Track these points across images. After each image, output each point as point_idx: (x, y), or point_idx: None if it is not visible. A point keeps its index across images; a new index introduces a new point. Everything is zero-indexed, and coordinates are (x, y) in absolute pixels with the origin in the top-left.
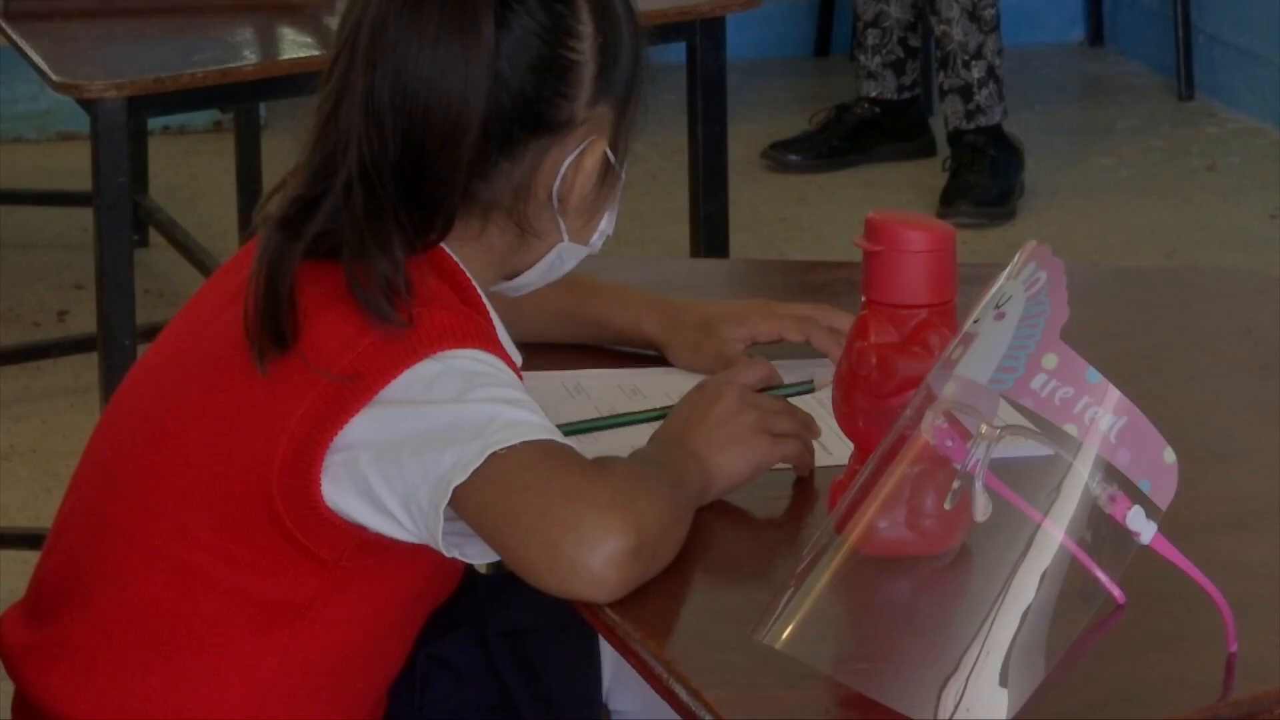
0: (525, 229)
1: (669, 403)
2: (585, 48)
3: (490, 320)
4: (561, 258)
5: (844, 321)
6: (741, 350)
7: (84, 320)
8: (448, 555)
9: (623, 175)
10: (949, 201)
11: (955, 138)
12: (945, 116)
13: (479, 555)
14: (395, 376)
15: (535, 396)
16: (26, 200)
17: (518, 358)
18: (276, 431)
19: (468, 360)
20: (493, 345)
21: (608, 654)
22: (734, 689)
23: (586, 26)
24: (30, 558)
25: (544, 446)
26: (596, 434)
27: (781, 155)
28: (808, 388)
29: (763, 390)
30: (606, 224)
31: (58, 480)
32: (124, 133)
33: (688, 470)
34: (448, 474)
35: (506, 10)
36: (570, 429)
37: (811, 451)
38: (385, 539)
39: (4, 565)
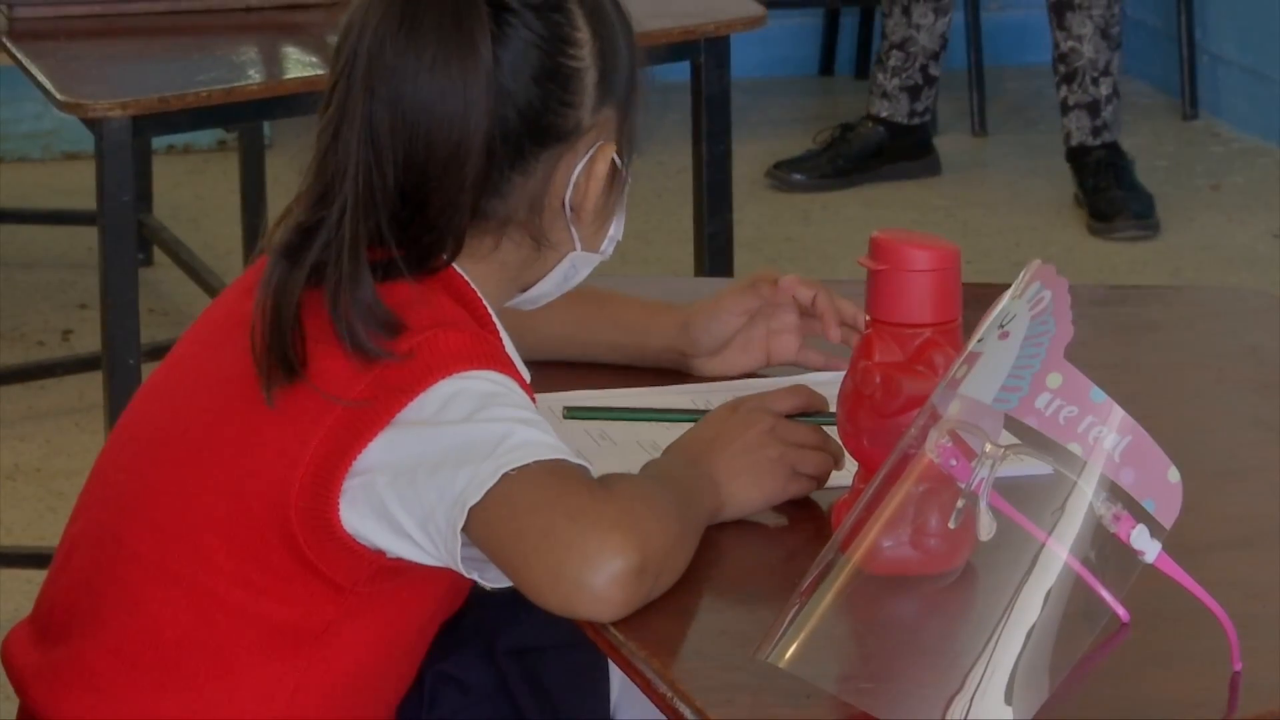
0: (541, 241)
1: (662, 429)
2: (585, 54)
3: (500, 340)
4: (575, 266)
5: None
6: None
7: (89, 339)
8: (467, 576)
9: (628, 177)
10: (1106, 217)
11: (1079, 153)
12: (1069, 132)
13: (497, 579)
14: (412, 399)
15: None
16: (31, 219)
17: (527, 376)
18: (294, 457)
19: (481, 381)
20: (505, 366)
21: (616, 673)
22: (738, 708)
23: (583, 33)
24: (35, 577)
25: (553, 466)
26: (610, 449)
27: (786, 175)
28: (829, 417)
29: (801, 416)
30: (616, 229)
31: (62, 499)
32: (128, 152)
33: (700, 490)
34: (462, 494)
35: (503, 25)
36: (583, 414)
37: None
38: (401, 564)
39: (9, 585)
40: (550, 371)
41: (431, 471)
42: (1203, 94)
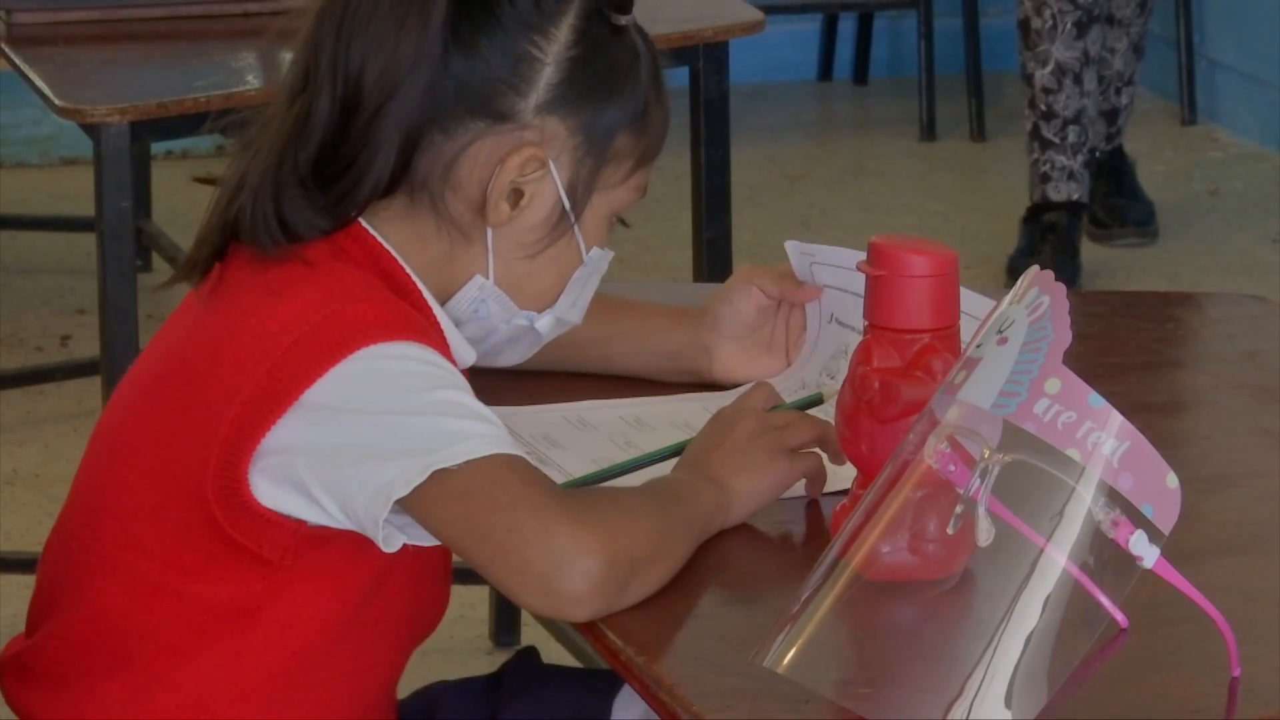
0: (441, 214)
1: (674, 431)
2: (549, 50)
3: (428, 310)
4: (485, 301)
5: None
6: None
7: (87, 345)
8: (393, 548)
9: (584, 248)
10: (1106, 224)
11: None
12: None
13: (424, 539)
14: (319, 376)
15: (544, 433)
16: (30, 225)
17: (470, 357)
18: (208, 437)
19: (399, 359)
20: (421, 335)
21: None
22: (737, 713)
23: (562, 33)
24: (33, 582)
25: (498, 461)
26: (591, 435)
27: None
28: (816, 399)
29: (772, 408)
30: (566, 308)
31: (60, 505)
32: (127, 157)
33: (698, 494)
34: (387, 487)
35: None
36: (592, 477)
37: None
38: (326, 532)
39: (7, 590)
40: (537, 383)
41: (356, 461)
42: (1201, 99)
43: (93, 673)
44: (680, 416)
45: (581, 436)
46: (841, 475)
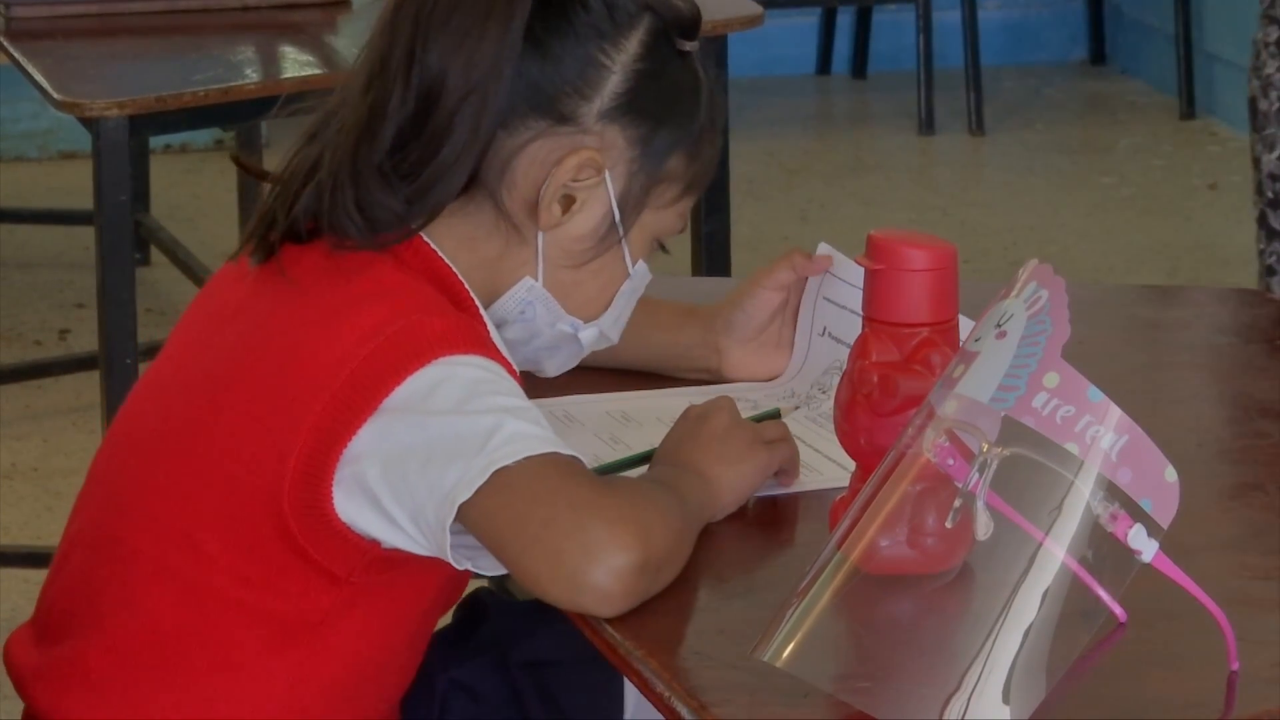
0: (499, 212)
1: (661, 427)
2: (618, 59)
3: (484, 325)
4: (532, 302)
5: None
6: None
7: (85, 339)
8: (459, 568)
9: (630, 261)
10: None
11: None
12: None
13: (492, 568)
14: (398, 384)
15: None
16: (28, 219)
17: (513, 363)
18: (285, 447)
19: (468, 367)
20: (491, 350)
21: (630, 690)
22: (736, 707)
23: (631, 45)
24: (32, 576)
25: (549, 459)
26: (577, 430)
27: None
28: (774, 413)
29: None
30: (610, 323)
31: (59, 499)
32: (125, 151)
33: (690, 487)
34: (451, 491)
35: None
36: (610, 466)
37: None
38: (397, 555)
39: (6, 584)
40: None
41: (422, 465)
42: (1200, 94)
43: (142, 685)
44: (668, 412)
45: (567, 432)
46: (833, 474)
